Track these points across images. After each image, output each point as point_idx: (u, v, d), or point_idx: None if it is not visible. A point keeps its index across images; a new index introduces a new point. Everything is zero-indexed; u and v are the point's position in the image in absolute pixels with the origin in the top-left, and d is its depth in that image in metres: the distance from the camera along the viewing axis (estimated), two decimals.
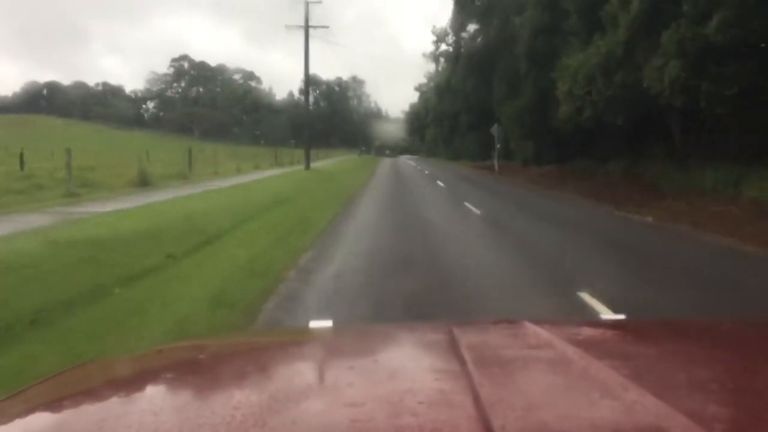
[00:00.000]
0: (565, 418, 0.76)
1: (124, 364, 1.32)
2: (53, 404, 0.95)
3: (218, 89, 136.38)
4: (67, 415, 0.91)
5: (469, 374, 0.88)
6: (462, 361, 0.96)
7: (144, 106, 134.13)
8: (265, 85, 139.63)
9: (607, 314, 5.13)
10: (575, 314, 5.22)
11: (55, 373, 1.16)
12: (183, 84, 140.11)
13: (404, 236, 10.44)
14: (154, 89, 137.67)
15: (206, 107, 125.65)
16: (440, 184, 25.39)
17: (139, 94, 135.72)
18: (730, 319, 1.80)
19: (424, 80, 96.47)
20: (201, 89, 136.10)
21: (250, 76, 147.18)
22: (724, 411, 0.85)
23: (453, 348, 1.06)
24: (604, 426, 0.75)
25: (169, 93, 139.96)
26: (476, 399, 0.78)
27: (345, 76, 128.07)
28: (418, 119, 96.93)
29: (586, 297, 5.68)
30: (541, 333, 1.17)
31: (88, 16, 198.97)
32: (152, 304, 5.28)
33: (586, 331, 1.46)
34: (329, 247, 9.01)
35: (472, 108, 45.13)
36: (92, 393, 1.05)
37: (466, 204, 15.90)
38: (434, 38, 60.11)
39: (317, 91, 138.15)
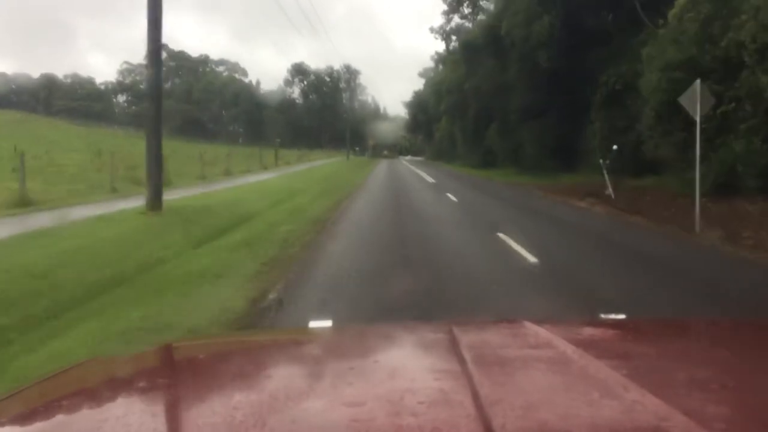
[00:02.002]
0: (564, 417, 0.77)
1: (124, 363, 1.31)
2: (53, 404, 0.95)
3: (193, 80, 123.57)
4: (67, 414, 0.91)
5: (469, 374, 0.89)
6: (462, 361, 0.96)
7: (115, 99, 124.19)
8: (252, 79, 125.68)
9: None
10: None
11: (54, 372, 1.16)
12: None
13: None
14: (127, 81, 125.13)
15: (180, 101, 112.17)
16: None
17: (109, 87, 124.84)
18: (729, 319, 1.79)
19: (430, 64, 74.54)
20: (177, 80, 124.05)
21: (235, 68, 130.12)
22: (724, 410, 0.85)
23: (453, 348, 1.06)
24: (603, 425, 0.75)
25: (142, 85, 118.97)
26: (476, 398, 0.79)
27: (337, 65, 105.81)
28: (424, 111, 74.49)
29: None
30: (541, 333, 1.17)
31: (69, 8, 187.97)
32: None
33: (586, 331, 1.44)
34: None
35: (542, 75, 23.19)
36: (92, 392, 1.05)
37: None
38: (445, 8, 39.24)
39: (305, 83, 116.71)
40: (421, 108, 79.68)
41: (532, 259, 8.10)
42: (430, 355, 1.20)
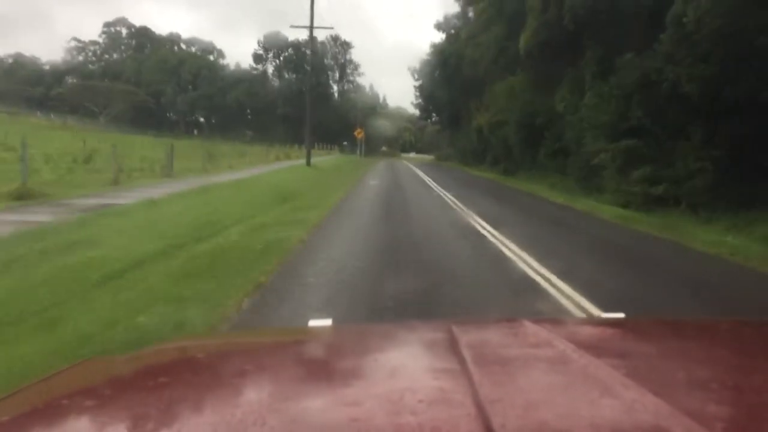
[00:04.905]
0: (564, 416, 0.77)
1: (124, 363, 1.28)
2: (53, 403, 0.96)
3: (143, 58, 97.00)
4: (66, 414, 0.91)
5: (468, 373, 0.89)
6: (462, 360, 0.96)
7: (62, 82, 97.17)
8: (229, 62, 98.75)
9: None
10: None
11: (54, 372, 1.15)
12: (116, 55, 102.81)
13: None
14: (75, 61, 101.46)
15: (129, 83, 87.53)
16: None
17: (54, 67, 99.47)
18: (729, 319, 1.74)
19: (454, 7, 45.18)
20: (128, 60, 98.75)
21: (209, 48, 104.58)
22: (724, 410, 0.85)
23: (453, 347, 1.06)
24: (603, 424, 0.74)
25: (91, 66, 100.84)
26: (476, 397, 0.79)
27: (322, 36, 76.39)
28: (447, 81, 42.75)
29: None
30: (541, 332, 1.17)
31: None
32: None
33: (586, 330, 1.43)
34: None
35: None
36: (91, 392, 1.04)
37: None
38: None
39: (281, 58, 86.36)
40: (441, 77, 47.85)
41: None
42: (430, 355, 1.18)
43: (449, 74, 47.22)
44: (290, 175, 26.39)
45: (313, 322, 4.29)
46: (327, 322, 4.36)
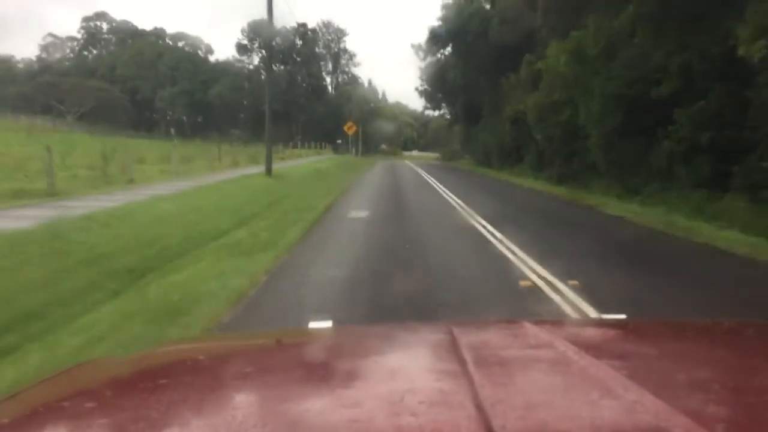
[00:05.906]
0: (565, 417, 0.78)
1: (123, 364, 1.27)
2: (53, 405, 0.95)
3: (120, 52, 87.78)
4: (66, 416, 0.91)
5: (469, 374, 0.90)
6: (462, 362, 0.96)
7: (36, 80, 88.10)
8: (218, 58, 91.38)
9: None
10: None
11: (54, 374, 1.15)
12: (95, 52, 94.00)
13: None
14: (53, 59, 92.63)
15: (104, 80, 78.17)
16: None
17: (29, 64, 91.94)
18: (729, 320, 1.67)
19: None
20: (104, 56, 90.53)
21: (196, 43, 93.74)
22: (724, 411, 0.86)
23: (453, 348, 1.06)
24: (604, 426, 0.75)
25: (67, 63, 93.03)
26: (476, 399, 0.80)
27: (314, 22, 66.17)
28: (465, 54, 30.49)
29: None
30: (541, 333, 1.17)
31: None
32: None
33: (586, 331, 1.42)
34: None
35: None
36: (91, 394, 1.03)
37: None
38: None
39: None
40: (457, 52, 36.04)
41: None
42: (431, 356, 1.17)
43: (468, 45, 34.73)
44: (221, 197, 15.58)
45: (313, 324, 4.28)
46: (327, 323, 4.27)
